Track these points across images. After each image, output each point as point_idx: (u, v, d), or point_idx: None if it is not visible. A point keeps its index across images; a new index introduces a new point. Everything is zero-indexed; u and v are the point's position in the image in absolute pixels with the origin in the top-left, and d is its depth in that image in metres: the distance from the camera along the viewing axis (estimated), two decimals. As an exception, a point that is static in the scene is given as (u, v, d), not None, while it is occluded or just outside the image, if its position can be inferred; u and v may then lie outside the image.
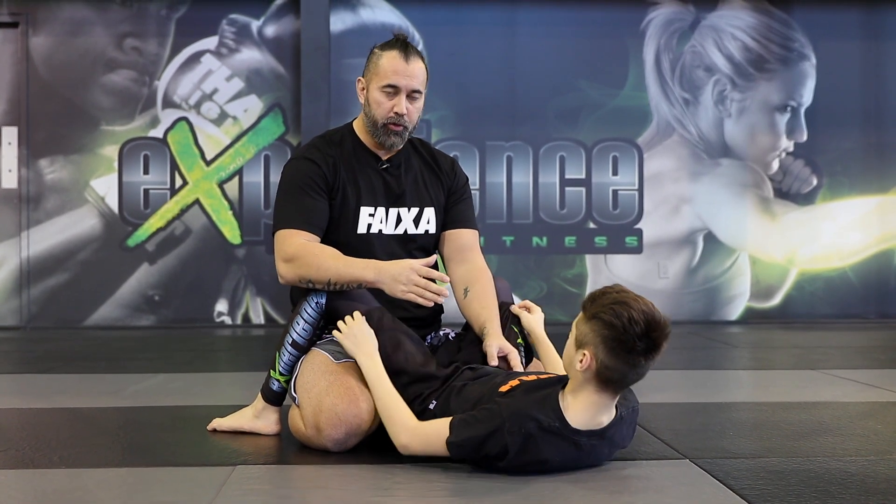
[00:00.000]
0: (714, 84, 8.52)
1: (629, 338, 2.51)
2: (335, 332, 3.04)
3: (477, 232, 3.55)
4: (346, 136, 3.45)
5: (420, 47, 8.21)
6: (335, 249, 3.21)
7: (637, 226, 8.48)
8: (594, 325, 2.56)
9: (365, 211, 3.36)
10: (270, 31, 8.30)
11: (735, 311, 8.53)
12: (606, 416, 2.67)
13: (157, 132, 8.24)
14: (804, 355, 5.91)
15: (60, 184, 8.18)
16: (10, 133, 8.17)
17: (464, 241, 3.49)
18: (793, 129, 8.57)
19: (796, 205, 8.58)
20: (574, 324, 2.65)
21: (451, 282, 3.42)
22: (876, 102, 8.64)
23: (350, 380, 3.01)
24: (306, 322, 3.24)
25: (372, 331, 3.02)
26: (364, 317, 3.05)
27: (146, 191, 8.23)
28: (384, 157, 3.42)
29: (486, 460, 2.67)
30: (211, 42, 8.29)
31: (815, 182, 8.59)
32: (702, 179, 8.52)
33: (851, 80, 8.62)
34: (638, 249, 8.46)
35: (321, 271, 3.15)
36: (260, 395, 3.38)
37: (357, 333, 3.00)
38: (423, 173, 3.48)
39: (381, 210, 3.38)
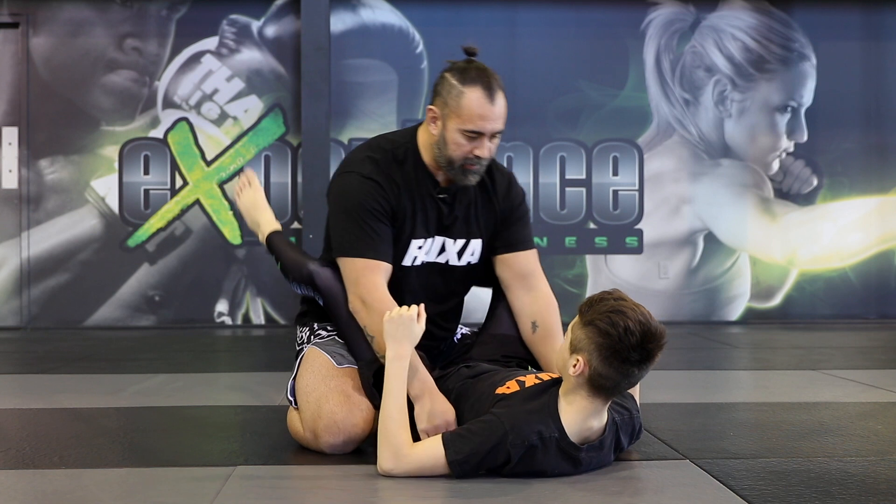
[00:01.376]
0: (714, 84, 8.52)
1: (623, 348, 2.50)
2: (387, 317, 2.84)
3: (536, 251, 3.37)
4: (409, 153, 3.17)
5: (420, 48, 8.22)
6: None
7: (637, 226, 8.48)
8: (589, 331, 2.55)
9: (415, 243, 3.18)
10: (271, 31, 8.30)
11: (735, 312, 8.53)
12: (598, 421, 2.67)
13: (158, 132, 8.24)
14: (804, 356, 5.91)
15: (61, 184, 8.18)
16: (11, 133, 8.17)
17: (524, 265, 3.30)
18: (793, 129, 8.57)
19: (796, 205, 8.57)
20: (570, 327, 2.65)
21: (514, 310, 3.29)
22: (876, 103, 8.64)
23: (350, 386, 2.99)
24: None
25: (419, 334, 2.83)
26: (420, 316, 2.85)
27: (146, 191, 8.23)
28: (443, 183, 3.17)
29: (487, 471, 2.66)
30: (211, 42, 8.29)
31: (815, 182, 8.59)
32: (702, 180, 8.52)
33: (852, 81, 8.62)
34: (638, 250, 8.46)
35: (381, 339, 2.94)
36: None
37: (401, 326, 2.81)
38: (478, 200, 3.25)
39: (429, 241, 3.20)
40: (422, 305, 2.89)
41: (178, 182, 8.24)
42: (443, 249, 3.22)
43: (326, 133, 7.89)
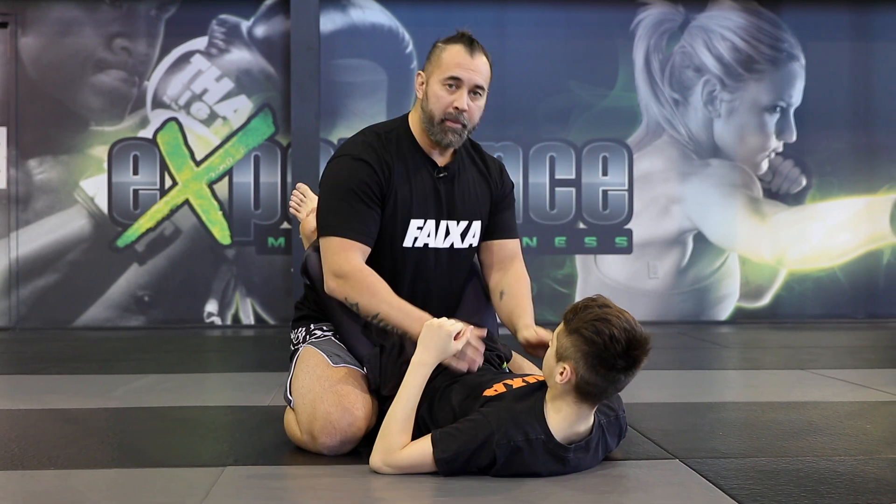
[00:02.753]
0: (704, 84, 8.54)
1: (610, 355, 2.51)
2: (429, 322, 2.85)
3: (519, 240, 3.42)
4: (402, 134, 3.21)
5: (409, 48, 8.22)
6: (389, 287, 3.04)
7: (627, 226, 8.49)
8: (575, 339, 2.56)
9: (414, 224, 3.17)
10: (260, 31, 8.29)
11: (725, 312, 8.55)
12: (584, 426, 2.68)
13: (147, 132, 8.23)
14: (793, 355, 5.92)
15: (50, 184, 8.16)
16: (-1, 133, 8.16)
17: (507, 251, 3.35)
18: (782, 129, 8.59)
19: (785, 205, 8.60)
20: (555, 334, 2.66)
21: (489, 287, 3.34)
22: (865, 103, 8.67)
23: (346, 386, 2.97)
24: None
25: (451, 351, 2.83)
26: (463, 335, 2.85)
27: (136, 191, 8.21)
28: (441, 164, 3.21)
29: (475, 471, 2.66)
30: (201, 42, 8.28)
31: (804, 182, 8.61)
32: (691, 180, 8.54)
33: (840, 81, 8.64)
34: (628, 250, 8.47)
35: (372, 303, 3.01)
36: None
37: (437, 337, 2.82)
38: (476, 183, 3.29)
39: (430, 223, 3.20)
40: (470, 330, 2.89)
41: (168, 182, 8.23)
42: (448, 233, 3.23)
43: (316, 133, 7.89)
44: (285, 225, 8.23)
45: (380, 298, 3.00)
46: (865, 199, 8.66)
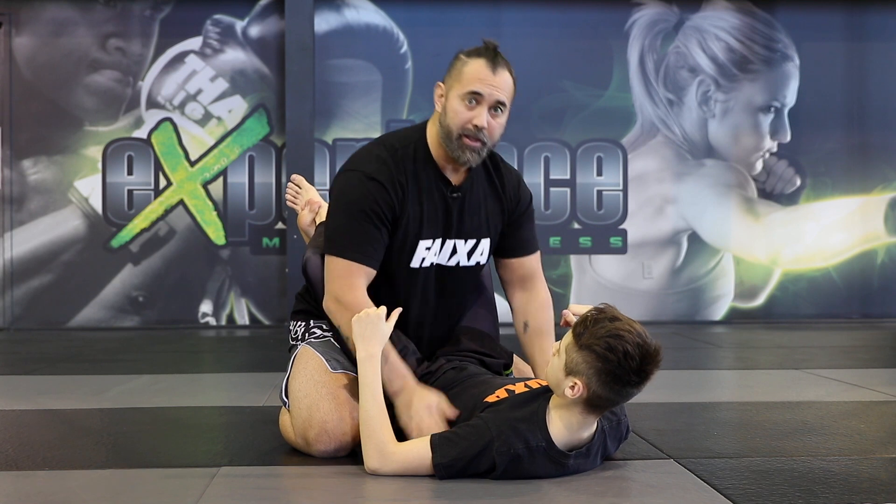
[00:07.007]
0: (698, 85, 8.55)
1: (624, 372, 2.50)
2: (356, 317, 2.84)
3: (539, 253, 3.33)
4: (419, 148, 3.08)
5: (404, 48, 8.21)
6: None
7: (621, 226, 8.50)
8: (587, 356, 2.53)
9: (423, 244, 3.09)
10: (255, 31, 8.29)
11: (719, 312, 8.55)
12: (588, 432, 2.68)
13: (141, 133, 8.22)
14: (788, 355, 5.93)
15: (44, 184, 8.15)
16: (-7, 134, 8.15)
17: (527, 269, 3.28)
18: (776, 129, 8.60)
19: (780, 205, 8.61)
20: (563, 348, 2.62)
21: (511, 307, 3.29)
22: (859, 103, 8.68)
23: (343, 393, 2.95)
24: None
25: (387, 333, 2.83)
26: (388, 317, 2.85)
27: (130, 191, 8.20)
28: (454, 181, 3.10)
29: (474, 475, 2.66)
30: (195, 42, 8.27)
31: (798, 182, 8.62)
32: (686, 180, 8.54)
33: (834, 81, 8.66)
34: (622, 250, 8.48)
35: None
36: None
37: (368, 326, 2.81)
38: (488, 201, 3.18)
39: (437, 242, 3.11)
40: (396, 310, 2.88)
41: (162, 182, 8.22)
42: (454, 251, 3.15)
43: (311, 133, 7.89)
44: (280, 225, 8.23)
45: None
46: (859, 199, 8.67)
